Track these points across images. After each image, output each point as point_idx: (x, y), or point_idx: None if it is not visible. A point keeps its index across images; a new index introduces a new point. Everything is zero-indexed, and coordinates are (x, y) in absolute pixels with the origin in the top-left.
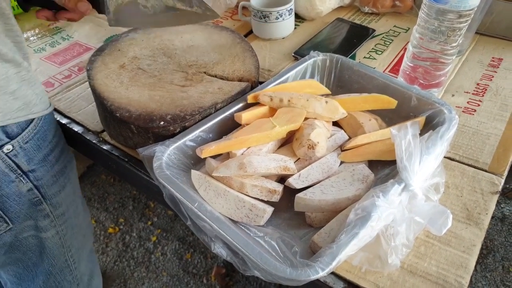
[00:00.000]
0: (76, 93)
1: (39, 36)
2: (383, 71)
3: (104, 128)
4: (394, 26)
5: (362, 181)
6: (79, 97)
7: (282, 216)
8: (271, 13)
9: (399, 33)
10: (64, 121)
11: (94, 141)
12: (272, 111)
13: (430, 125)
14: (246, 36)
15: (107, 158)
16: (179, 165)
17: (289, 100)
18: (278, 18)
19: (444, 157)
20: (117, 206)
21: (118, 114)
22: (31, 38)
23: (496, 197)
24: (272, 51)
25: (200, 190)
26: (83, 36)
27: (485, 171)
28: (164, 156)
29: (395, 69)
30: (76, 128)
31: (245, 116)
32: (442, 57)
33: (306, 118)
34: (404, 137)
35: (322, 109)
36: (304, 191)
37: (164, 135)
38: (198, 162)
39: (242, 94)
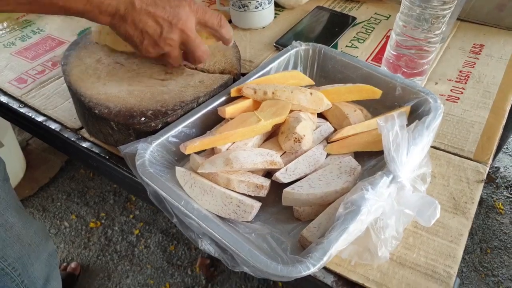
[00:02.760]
0: (52, 89)
1: (8, 30)
2: (366, 60)
3: (82, 125)
4: (375, 13)
5: (349, 174)
6: (55, 93)
7: (270, 211)
8: (250, 2)
9: (380, 20)
10: (39, 118)
11: (72, 139)
12: (256, 104)
13: (415, 115)
14: None
15: (87, 156)
16: (163, 162)
17: (273, 93)
18: (258, 7)
19: (430, 146)
20: (98, 201)
21: (97, 111)
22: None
23: (481, 186)
24: (253, 41)
25: (186, 187)
26: (54, 29)
27: (470, 159)
28: (147, 154)
29: (377, 57)
30: (53, 125)
31: (229, 110)
32: (426, 45)
33: (291, 111)
34: (391, 128)
35: (307, 101)
36: (292, 185)
37: (145, 132)
38: (182, 159)
39: (224, 87)
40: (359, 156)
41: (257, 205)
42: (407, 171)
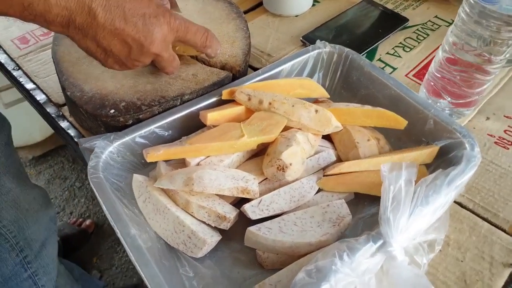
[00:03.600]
0: (50, 55)
1: None
2: (406, 74)
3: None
4: (436, 16)
5: (334, 223)
6: (51, 60)
7: (232, 246)
8: None
9: (440, 26)
10: (28, 86)
11: (53, 115)
12: (249, 113)
13: (444, 159)
14: (255, 8)
15: (64, 136)
16: (125, 165)
17: (270, 103)
18: None
19: (454, 201)
20: None
21: (68, 93)
22: None
23: (508, 272)
24: (279, 31)
25: (139, 200)
26: None
27: (504, 231)
28: (104, 154)
29: (421, 73)
30: (39, 96)
31: (212, 116)
32: (479, 73)
33: (288, 127)
34: (394, 181)
35: (310, 120)
36: (259, 225)
37: (113, 126)
38: (149, 163)
39: (219, 85)
40: (359, 198)
41: (212, 240)
42: (405, 239)
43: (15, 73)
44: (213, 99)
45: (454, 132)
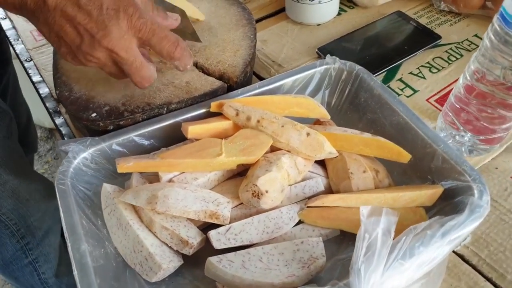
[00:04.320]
0: None
1: None
2: (428, 99)
3: None
4: (475, 35)
5: (304, 264)
6: None
7: (195, 273)
8: None
9: (477, 46)
10: (35, 78)
11: (50, 110)
12: (237, 129)
13: (449, 202)
14: (277, 13)
15: (59, 132)
16: (99, 172)
17: (258, 121)
18: None
19: (455, 252)
20: None
21: (57, 92)
22: None
23: None
24: (297, 40)
25: (105, 212)
26: None
27: None
28: (77, 159)
29: (444, 99)
30: (42, 90)
31: (193, 129)
32: (502, 108)
33: (276, 149)
34: (371, 228)
35: (300, 143)
36: (221, 256)
37: (95, 130)
38: (127, 173)
39: (211, 96)
40: (345, 236)
41: (169, 266)
42: None
43: (26, 64)
44: (201, 111)
45: (463, 173)
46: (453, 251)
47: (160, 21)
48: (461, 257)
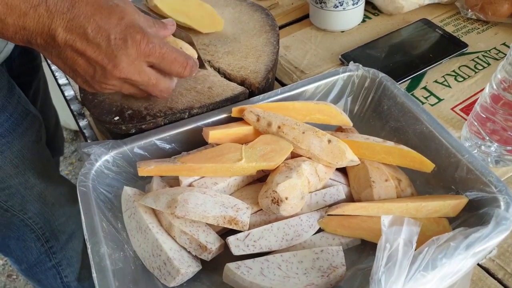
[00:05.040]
0: None
1: None
2: (453, 108)
3: None
4: (503, 44)
5: (323, 273)
6: None
7: (213, 278)
8: None
9: (505, 55)
10: (61, 81)
11: (75, 113)
12: (258, 134)
13: (473, 214)
14: (301, 19)
15: (83, 134)
16: (121, 175)
17: (279, 127)
18: (337, 6)
19: (480, 265)
20: None
21: (81, 95)
22: None
23: None
24: (320, 47)
25: (125, 215)
26: None
27: None
28: (99, 162)
29: (470, 108)
30: (67, 92)
31: (214, 134)
32: None
33: (297, 155)
34: (392, 237)
35: (321, 149)
36: (239, 262)
37: (117, 133)
38: (146, 176)
39: (232, 101)
40: (366, 245)
41: (188, 271)
42: None
43: (53, 67)
44: (223, 116)
45: (488, 184)
46: (478, 264)
47: (163, 33)
48: (486, 270)
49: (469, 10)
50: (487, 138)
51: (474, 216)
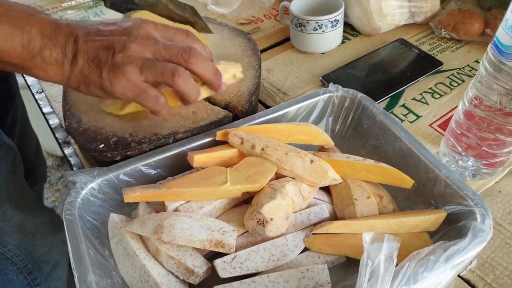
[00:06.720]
0: None
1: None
2: (431, 124)
3: None
4: (476, 61)
5: None
6: None
7: None
8: (308, 22)
9: None
10: (45, 109)
11: (60, 141)
12: (242, 157)
13: (452, 227)
14: (282, 42)
15: (69, 162)
16: (107, 202)
17: (263, 149)
18: (317, 29)
19: (460, 277)
20: None
21: (66, 123)
22: (68, 12)
23: None
24: (302, 69)
25: (112, 241)
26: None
27: None
28: (85, 190)
29: (447, 124)
30: (52, 121)
31: (199, 158)
32: (501, 133)
33: (281, 176)
34: (374, 254)
35: (304, 170)
36: (226, 285)
37: (103, 161)
38: (134, 202)
39: (216, 125)
40: (351, 262)
41: None
42: None
43: (37, 96)
44: (207, 139)
45: (465, 198)
46: (459, 276)
47: (181, 40)
48: (467, 281)
49: (443, 30)
50: (463, 153)
51: (453, 229)
